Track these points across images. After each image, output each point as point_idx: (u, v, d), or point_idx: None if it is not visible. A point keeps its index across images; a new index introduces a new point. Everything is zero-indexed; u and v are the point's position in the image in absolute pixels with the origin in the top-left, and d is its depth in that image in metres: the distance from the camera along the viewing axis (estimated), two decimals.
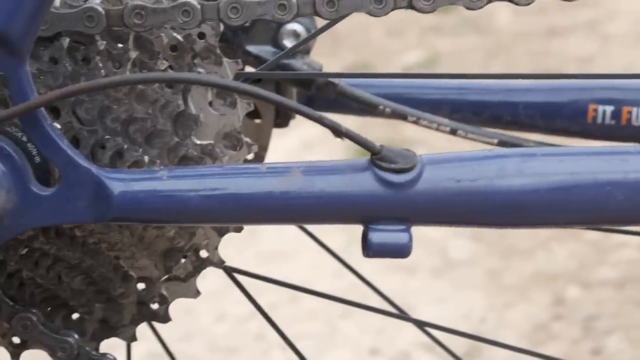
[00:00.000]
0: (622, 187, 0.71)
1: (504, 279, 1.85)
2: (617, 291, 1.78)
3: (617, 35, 2.68)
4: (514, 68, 2.58)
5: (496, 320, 1.75)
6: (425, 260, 1.93)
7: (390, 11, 0.71)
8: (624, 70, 2.50)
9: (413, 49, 2.74)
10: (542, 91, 0.93)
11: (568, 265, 1.86)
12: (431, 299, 1.83)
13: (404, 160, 0.69)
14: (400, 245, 0.70)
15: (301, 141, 2.35)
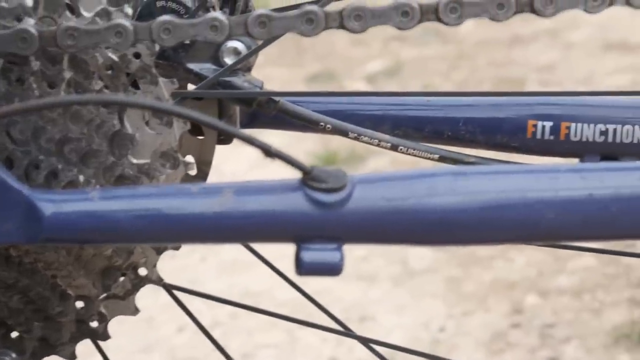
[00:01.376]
0: (552, 205, 0.72)
1: (464, 288, 1.86)
2: (575, 299, 1.79)
3: (578, 43, 2.70)
4: (476, 77, 2.60)
5: (455, 329, 1.76)
6: (385, 269, 1.94)
7: (321, 31, 0.72)
8: (587, 78, 2.52)
9: (377, 58, 2.75)
10: (482, 107, 0.93)
11: (527, 274, 1.87)
12: (391, 308, 1.84)
13: (334, 180, 0.70)
14: (332, 264, 0.71)
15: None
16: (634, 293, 1.77)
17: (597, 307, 1.76)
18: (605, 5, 0.72)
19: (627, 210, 0.73)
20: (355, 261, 1.95)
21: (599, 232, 0.74)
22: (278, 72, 2.75)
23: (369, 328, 1.80)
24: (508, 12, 0.72)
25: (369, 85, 2.64)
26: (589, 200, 0.72)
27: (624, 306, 1.74)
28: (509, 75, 2.58)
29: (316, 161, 2.30)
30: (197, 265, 2.03)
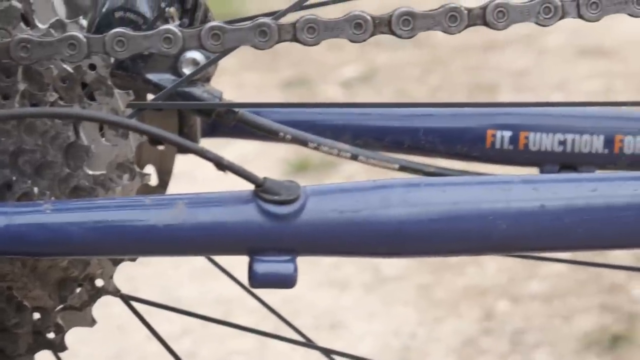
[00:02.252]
0: (505, 216, 0.72)
1: (435, 294, 1.87)
2: (545, 305, 1.80)
3: (552, 49, 2.71)
4: (450, 82, 2.60)
5: (426, 336, 1.77)
6: (357, 276, 1.94)
7: (274, 44, 0.72)
8: (561, 84, 2.53)
9: (352, 63, 2.76)
10: (442, 117, 0.94)
11: (498, 280, 1.88)
12: (362, 315, 1.84)
13: (287, 191, 0.70)
14: (286, 275, 0.71)
15: (237, 156, 2.35)
16: (604, 299, 1.78)
17: (568, 312, 1.77)
18: (557, 18, 0.73)
19: (579, 222, 0.73)
20: (327, 268, 1.95)
21: (551, 243, 0.74)
22: (252, 78, 2.75)
23: (339, 335, 1.80)
24: (460, 25, 0.72)
25: (343, 90, 2.64)
26: (541, 211, 0.73)
27: (594, 312, 1.75)
28: (483, 81, 2.59)
29: (289, 168, 2.30)
30: (170, 272, 2.03)
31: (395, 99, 2.55)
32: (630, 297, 1.77)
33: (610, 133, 0.92)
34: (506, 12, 0.72)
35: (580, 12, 0.73)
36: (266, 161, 2.30)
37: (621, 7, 0.73)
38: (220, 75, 3.08)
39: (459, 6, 0.72)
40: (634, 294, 1.78)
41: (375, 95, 2.58)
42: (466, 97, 2.49)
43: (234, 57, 2.97)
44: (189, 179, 2.41)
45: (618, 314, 1.74)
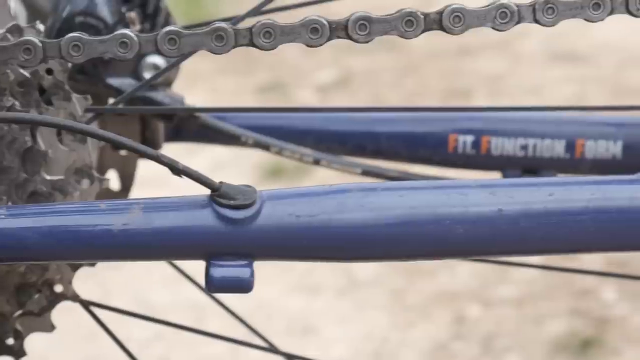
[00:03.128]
0: (462, 220, 0.72)
1: (407, 299, 1.87)
2: (516, 309, 1.80)
3: (527, 54, 2.72)
4: (425, 87, 2.61)
5: (398, 340, 1.77)
6: (330, 280, 1.94)
7: (231, 49, 0.72)
8: (534, 88, 2.54)
9: (327, 68, 2.76)
10: (405, 122, 0.94)
11: (470, 284, 1.88)
12: (335, 319, 1.84)
13: (243, 196, 0.70)
14: (242, 280, 0.71)
15: (212, 161, 2.35)
16: (574, 303, 1.79)
17: (539, 317, 1.77)
18: (513, 23, 0.73)
19: (536, 226, 0.73)
20: (300, 272, 1.95)
21: (509, 248, 0.74)
22: (227, 82, 2.75)
23: (311, 340, 1.80)
24: (417, 29, 0.72)
25: (318, 95, 2.64)
26: (498, 216, 0.73)
27: (564, 316, 1.76)
28: (458, 86, 2.59)
29: (263, 173, 2.30)
30: (143, 277, 2.02)
31: (370, 103, 2.56)
32: (601, 302, 1.78)
33: (572, 138, 0.93)
34: (462, 17, 0.72)
35: (536, 17, 0.73)
36: (240, 166, 2.29)
37: (577, 12, 0.73)
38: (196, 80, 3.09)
39: (415, 11, 0.72)
40: (604, 298, 1.79)
41: (350, 100, 2.58)
42: (440, 102, 2.50)
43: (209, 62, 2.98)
44: (161, 183, 2.41)
45: (588, 318, 1.75)
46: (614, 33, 2.70)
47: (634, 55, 2.63)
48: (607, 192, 0.75)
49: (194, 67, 2.87)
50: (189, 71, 2.88)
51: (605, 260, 1.85)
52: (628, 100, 2.38)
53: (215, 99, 2.67)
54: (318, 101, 2.62)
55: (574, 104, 2.39)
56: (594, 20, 0.74)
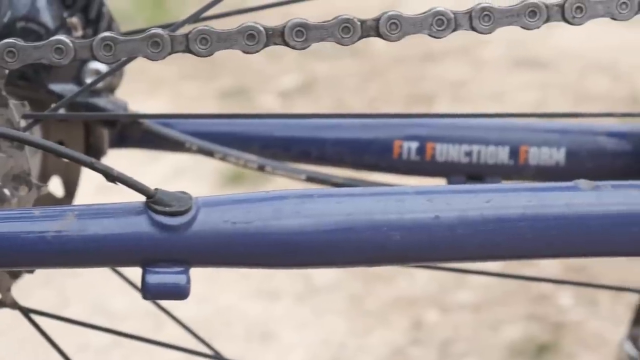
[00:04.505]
0: (398, 227, 0.72)
1: (366, 304, 1.87)
2: (474, 314, 1.81)
3: (490, 60, 2.73)
4: (388, 92, 2.61)
5: (356, 346, 1.77)
6: (289, 286, 1.94)
7: (167, 55, 0.72)
8: (496, 95, 2.55)
9: (291, 73, 2.76)
10: (349, 128, 0.94)
11: (428, 290, 1.89)
12: (293, 325, 1.84)
13: (178, 203, 0.70)
14: (178, 286, 0.71)
15: (172, 167, 2.34)
16: (531, 308, 1.79)
17: (496, 322, 1.78)
18: (449, 31, 0.73)
19: (473, 233, 0.74)
20: (259, 278, 1.95)
21: (446, 254, 0.75)
22: (191, 88, 2.75)
23: (270, 346, 1.80)
24: (354, 36, 0.72)
25: (281, 100, 2.64)
26: (435, 222, 0.73)
27: (521, 322, 1.76)
28: (421, 91, 2.60)
29: (223, 179, 2.30)
30: (101, 283, 2.02)
31: (333, 108, 2.56)
32: (557, 307, 1.79)
33: (516, 144, 0.93)
34: (399, 24, 0.72)
35: (473, 25, 0.73)
36: (200, 172, 2.29)
37: (514, 20, 0.73)
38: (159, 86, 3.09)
39: (352, 18, 0.72)
40: (560, 304, 1.80)
41: (313, 105, 2.58)
42: (403, 107, 2.50)
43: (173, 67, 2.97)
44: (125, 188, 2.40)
45: (544, 323, 1.75)
46: (576, 40, 2.72)
47: (594, 62, 2.64)
48: (544, 199, 0.75)
49: (158, 72, 2.87)
50: (152, 77, 2.88)
51: (563, 265, 1.86)
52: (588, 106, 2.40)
53: (178, 105, 2.67)
54: (281, 106, 2.62)
55: (535, 110, 2.40)
56: (530, 28, 0.74)
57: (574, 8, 0.73)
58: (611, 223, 0.75)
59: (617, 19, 0.74)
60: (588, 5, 0.73)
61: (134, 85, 2.83)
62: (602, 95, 2.48)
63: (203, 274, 1.58)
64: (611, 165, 0.94)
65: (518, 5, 0.73)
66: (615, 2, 0.74)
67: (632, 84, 2.46)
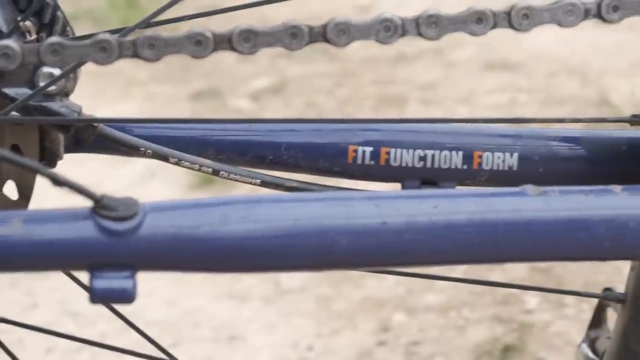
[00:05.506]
0: (346, 232, 0.73)
1: (334, 306, 1.88)
2: (441, 317, 1.81)
3: (461, 62, 2.74)
4: (359, 94, 2.62)
5: (322, 348, 1.77)
6: (257, 288, 1.94)
7: (115, 60, 0.72)
8: (467, 97, 2.56)
9: (263, 75, 2.76)
10: (304, 132, 0.94)
11: (396, 292, 1.89)
12: (261, 327, 1.85)
13: (125, 208, 0.70)
14: (125, 291, 0.71)
15: (144, 169, 2.34)
16: (498, 310, 1.80)
17: (462, 324, 1.78)
18: (397, 37, 0.74)
19: (421, 238, 0.74)
20: (228, 280, 1.95)
21: (393, 259, 0.75)
22: (163, 90, 2.75)
23: (238, 347, 1.80)
24: (301, 42, 0.73)
25: (253, 102, 2.65)
26: (382, 228, 0.73)
27: (487, 323, 1.77)
28: (392, 94, 2.61)
29: (195, 181, 2.30)
30: (69, 285, 2.01)
31: (305, 110, 2.56)
32: (523, 308, 1.80)
33: (469, 149, 0.94)
34: (347, 30, 0.73)
35: (420, 31, 0.74)
36: (171, 175, 2.29)
37: (460, 27, 0.74)
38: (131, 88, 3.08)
39: (299, 24, 0.73)
40: (526, 305, 1.81)
41: (285, 108, 2.59)
42: (374, 109, 2.51)
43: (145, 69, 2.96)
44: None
45: (510, 324, 1.76)
46: (547, 43, 2.73)
47: (565, 65, 2.66)
48: (491, 204, 0.76)
49: (131, 74, 2.87)
50: (125, 79, 2.88)
51: (528, 267, 1.87)
52: (557, 109, 2.41)
53: (150, 107, 2.67)
54: (253, 108, 2.62)
55: (504, 113, 2.41)
56: (477, 34, 0.75)
57: (521, 15, 0.74)
58: (557, 228, 0.76)
59: (563, 26, 0.75)
60: (534, 12, 0.74)
61: (107, 87, 2.83)
62: (571, 97, 2.49)
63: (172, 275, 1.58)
64: (564, 170, 0.94)
65: (465, 12, 0.74)
66: (561, 9, 0.74)
67: (602, 86, 2.48)
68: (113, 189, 2.35)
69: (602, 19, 0.75)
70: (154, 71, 2.81)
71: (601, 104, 2.40)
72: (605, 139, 0.94)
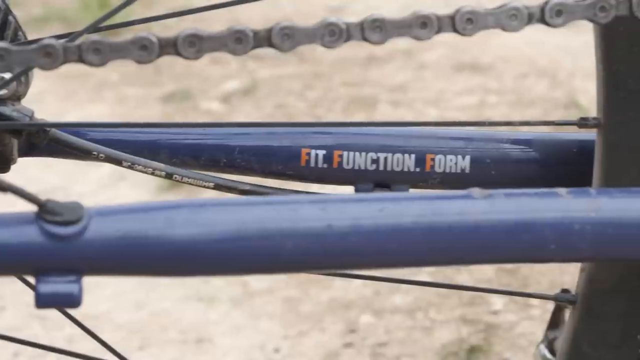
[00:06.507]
0: (291, 235, 0.73)
1: (301, 308, 1.88)
2: (408, 318, 1.82)
3: (431, 64, 2.75)
4: (330, 96, 2.62)
5: (289, 349, 1.78)
6: (225, 290, 1.95)
7: (60, 65, 0.72)
8: (436, 99, 2.57)
9: (234, 77, 2.76)
10: (257, 136, 0.95)
11: (363, 293, 1.90)
12: (229, 330, 1.85)
13: (69, 212, 0.71)
14: (70, 295, 0.71)
15: (113, 172, 2.34)
16: (464, 311, 1.81)
17: (429, 325, 1.79)
18: (342, 41, 0.74)
19: (366, 241, 0.75)
20: (195, 282, 1.95)
21: (339, 262, 0.76)
22: (134, 92, 2.75)
23: (205, 350, 1.80)
24: (246, 46, 0.73)
25: (223, 104, 2.65)
26: (328, 231, 0.74)
27: (453, 324, 1.78)
28: (362, 95, 2.61)
29: (161, 185, 2.30)
30: None
31: (275, 113, 2.57)
32: (489, 309, 1.80)
33: (422, 152, 0.94)
34: (292, 34, 0.73)
35: (365, 35, 0.74)
36: (141, 177, 2.29)
37: (405, 31, 0.75)
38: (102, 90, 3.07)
39: (244, 29, 0.73)
40: (492, 306, 1.81)
41: (255, 110, 2.59)
42: (344, 112, 2.52)
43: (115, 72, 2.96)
44: (64, 194, 2.39)
45: (476, 325, 1.77)
46: (517, 45, 2.75)
47: (534, 66, 2.67)
48: (437, 207, 0.76)
49: (101, 77, 2.87)
50: (96, 81, 2.87)
51: (495, 268, 1.88)
52: (525, 111, 2.42)
53: (122, 109, 2.67)
54: (224, 111, 2.62)
55: (474, 114, 2.42)
56: (422, 39, 0.75)
57: (465, 20, 0.75)
58: (503, 231, 0.76)
59: (507, 31, 0.76)
60: (478, 17, 0.75)
61: (78, 89, 2.83)
62: (540, 99, 2.51)
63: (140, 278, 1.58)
64: (516, 172, 0.95)
65: (409, 17, 0.74)
66: (505, 14, 0.75)
67: (570, 88, 2.49)
68: (82, 192, 2.35)
69: (545, 24, 0.76)
70: (125, 73, 2.80)
71: (569, 106, 2.41)
72: (556, 142, 0.95)
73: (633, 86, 0.84)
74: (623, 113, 0.85)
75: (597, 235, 0.78)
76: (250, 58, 2.79)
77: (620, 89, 0.85)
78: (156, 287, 1.97)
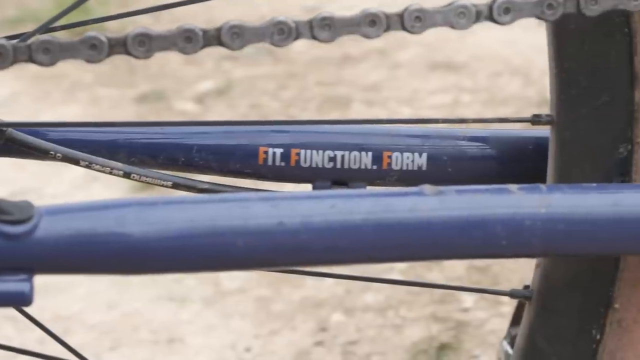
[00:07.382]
0: (242, 233, 0.74)
1: (272, 307, 1.88)
2: (379, 316, 1.83)
3: (405, 63, 2.76)
4: (304, 96, 2.63)
5: (260, 348, 1.78)
6: (197, 290, 1.95)
7: (10, 65, 0.72)
8: (410, 98, 2.58)
9: (208, 78, 2.76)
10: (215, 134, 0.95)
11: (335, 292, 1.90)
12: (200, 329, 1.85)
13: (19, 211, 0.71)
14: (21, 294, 0.72)
15: (86, 173, 2.33)
16: (435, 309, 1.82)
17: (399, 323, 1.80)
18: (291, 40, 0.75)
19: (317, 238, 0.75)
20: (168, 282, 1.96)
21: (290, 259, 0.76)
22: (108, 93, 2.74)
23: (177, 350, 1.81)
24: (196, 45, 0.74)
25: (197, 105, 2.65)
26: (278, 228, 0.74)
27: (424, 322, 1.79)
28: (336, 95, 2.62)
29: (135, 185, 2.30)
30: None
31: (249, 113, 2.57)
32: (459, 307, 1.81)
33: (379, 150, 0.95)
34: (240, 33, 0.74)
35: (314, 34, 0.75)
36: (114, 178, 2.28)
37: (354, 29, 0.75)
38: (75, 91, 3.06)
39: (193, 28, 0.74)
40: (463, 304, 1.82)
41: (229, 110, 2.59)
42: (317, 111, 2.52)
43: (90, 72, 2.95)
44: (37, 196, 2.39)
45: (447, 323, 1.78)
46: (491, 44, 2.76)
47: (508, 65, 2.68)
48: (388, 204, 0.77)
49: (75, 77, 2.86)
50: (69, 82, 2.87)
51: (466, 264, 1.89)
52: (499, 109, 2.43)
53: (95, 110, 2.67)
54: (199, 110, 2.62)
55: (448, 113, 2.43)
56: (371, 37, 0.76)
57: (413, 18, 0.75)
58: (454, 227, 0.77)
59: (455, 29, 0.76)
60: (427, 15, 0.75)
61: (52, 90, 2.83)
62: (513, 98, 2.52)
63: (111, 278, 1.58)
64: (473, 169, 0.96)
65: (358, 15, 0.75)
66: (453, 12, 0.76)
67: (543, 86, 2.50)
68: (55, 194, 2.35)
69: (494, 21, 0.76)
70: (99, 74, 2.80)
71: (541, 104, 2.42)
72: (512, 139, 0.96)
73: (584, 83, 0.85)
74: (575, 110, 0.86)
75: (548, 231, 0.78)
76: (225, 58, 2.79)
77: (572, 86, 0.85)
78: (128, 287, 1.97)
